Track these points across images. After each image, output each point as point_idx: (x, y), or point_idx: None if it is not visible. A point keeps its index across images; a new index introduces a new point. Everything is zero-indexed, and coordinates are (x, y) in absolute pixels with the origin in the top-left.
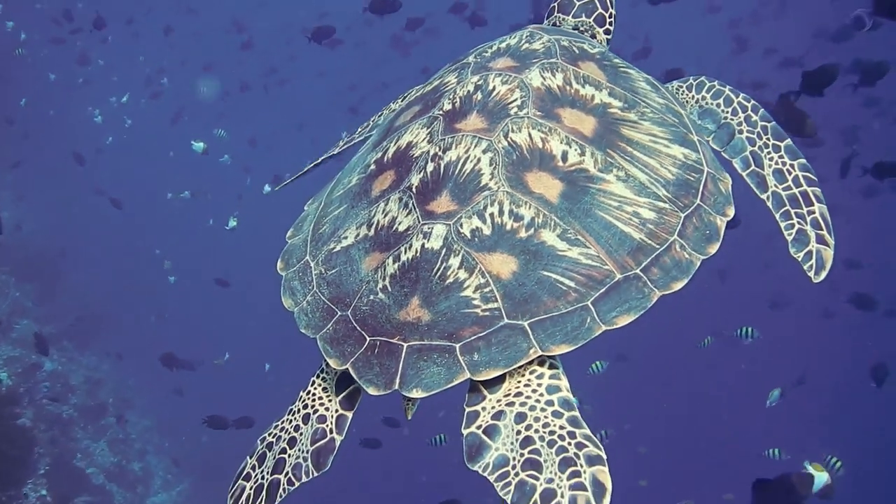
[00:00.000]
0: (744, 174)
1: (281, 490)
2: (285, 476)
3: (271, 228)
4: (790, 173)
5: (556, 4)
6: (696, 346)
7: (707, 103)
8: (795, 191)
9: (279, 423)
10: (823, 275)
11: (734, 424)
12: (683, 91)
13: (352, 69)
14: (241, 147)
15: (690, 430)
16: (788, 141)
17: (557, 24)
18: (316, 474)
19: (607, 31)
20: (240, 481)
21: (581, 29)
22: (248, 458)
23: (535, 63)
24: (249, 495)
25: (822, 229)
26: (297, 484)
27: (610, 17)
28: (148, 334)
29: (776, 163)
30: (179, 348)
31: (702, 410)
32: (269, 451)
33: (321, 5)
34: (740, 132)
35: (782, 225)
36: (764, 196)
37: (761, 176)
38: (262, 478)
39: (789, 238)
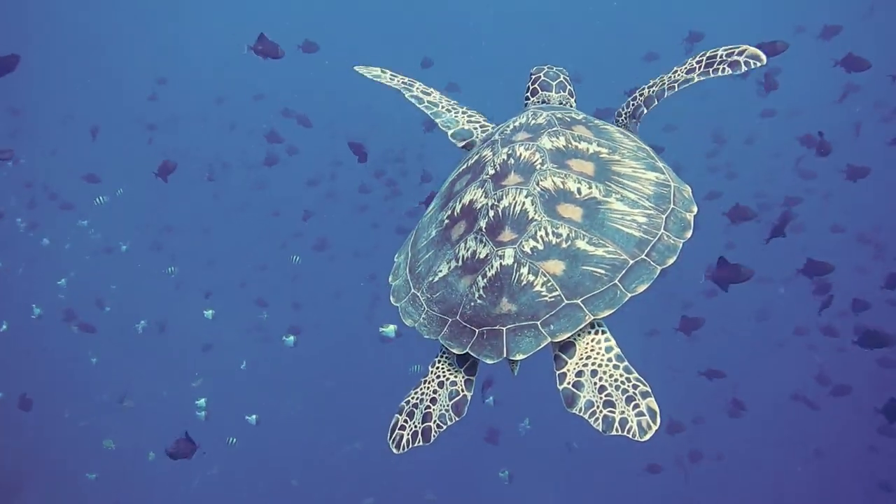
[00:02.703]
0: (666, 97)
1: (433, 433)
2: (435, 423)
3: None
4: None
5: (535, 87)
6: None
7: (625, 109)
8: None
9: (416, 392)
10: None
11: None
12: (623, 119)
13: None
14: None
15: None
16: (655, 81)
17: (547, 101)
18: (457, 419)
19: (574, 99)
20: (396, 431)
21: (563, 102)
22: (397, 415)
23: (543, 132)
24: (408, 440)
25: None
26: (444, 427)
27: (572, 86)
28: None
29: (659, 86)
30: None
31: None
32: (416, 410)
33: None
34: (641, 96)
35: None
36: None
37: (664, 91)
38: (415, 426)
39: (715, 75)
